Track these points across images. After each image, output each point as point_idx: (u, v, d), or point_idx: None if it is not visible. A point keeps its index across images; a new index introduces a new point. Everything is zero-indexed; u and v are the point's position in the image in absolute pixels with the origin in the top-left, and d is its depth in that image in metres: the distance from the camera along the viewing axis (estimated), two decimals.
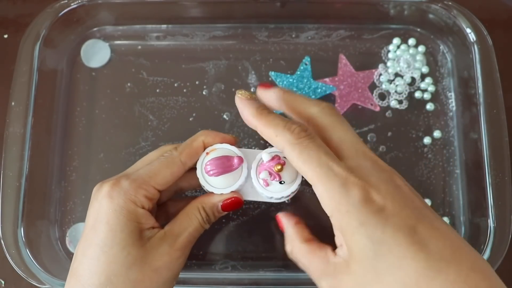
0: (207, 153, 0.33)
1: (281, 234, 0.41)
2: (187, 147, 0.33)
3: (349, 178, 0.27)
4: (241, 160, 0.32)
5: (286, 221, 0.33)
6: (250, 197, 0.34)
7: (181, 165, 0.33)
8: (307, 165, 0.28)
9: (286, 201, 0.42)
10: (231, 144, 0.34)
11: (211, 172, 0.32)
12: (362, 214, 0.26)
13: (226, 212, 0.34)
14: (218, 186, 0.33)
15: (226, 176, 0.32)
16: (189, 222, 0.33)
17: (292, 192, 0.33)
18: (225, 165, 0.32)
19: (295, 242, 0.31)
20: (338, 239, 0.29)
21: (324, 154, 0.28)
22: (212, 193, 0.33)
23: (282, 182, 0.32)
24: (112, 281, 0.29)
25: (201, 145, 0.34)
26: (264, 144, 0.43)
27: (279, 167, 0.31)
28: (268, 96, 0.33)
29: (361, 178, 0.27)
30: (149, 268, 0.30)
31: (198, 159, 0.34)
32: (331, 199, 0.27)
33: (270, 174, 0.32)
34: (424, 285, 0.25)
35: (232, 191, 0.33)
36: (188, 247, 0.33)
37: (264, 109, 0.31)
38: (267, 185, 0.32)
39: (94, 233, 0.30)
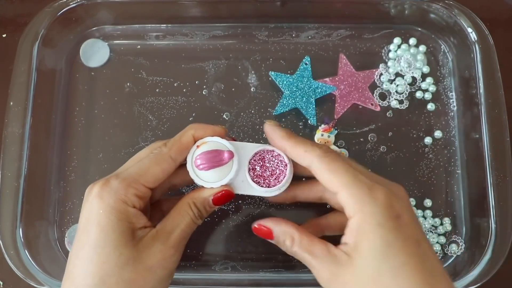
0: (198, 146, 0.33)
1: None
2: (177, 143, 0.33)
3: (374, 184, 0.30)
4: (231, 154, 0.32)
5: (270, 223, 0.33)
6: (241, 191, 0.34)
7: (171, 161, 0.32)
8: (333, 174, 0.30)
9: (287, 205, 0.42)
10: (222, 137, 0.34)
11: (201, 166, 0.32)
12: (383, 217, 0.29)
13: (217, 206, 0.34)
14: (209, 180, 0.33)
15: (217, 170, 0.32)
16: (180, 219, 0.32)
17: (284, 185, 0.33)
18: (215, 159, 0.32)
19: (294, 234, 0.32)
20: (346, 237, 0.30)
21: (350, 165, 0.31)
22: (203, 187, 0.33)
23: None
24: (105, 282, 0.29)
25: (191, 140, 0.33)
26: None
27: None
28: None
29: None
30: (142, 267, 0.30)
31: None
32: (356, 202, 0.29)
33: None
34: None
35: (222, 185, 0.33)
36: (181, 244, 0.32)
37: (292, 132, 0.33)
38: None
39: (86, 234, 0.30)
